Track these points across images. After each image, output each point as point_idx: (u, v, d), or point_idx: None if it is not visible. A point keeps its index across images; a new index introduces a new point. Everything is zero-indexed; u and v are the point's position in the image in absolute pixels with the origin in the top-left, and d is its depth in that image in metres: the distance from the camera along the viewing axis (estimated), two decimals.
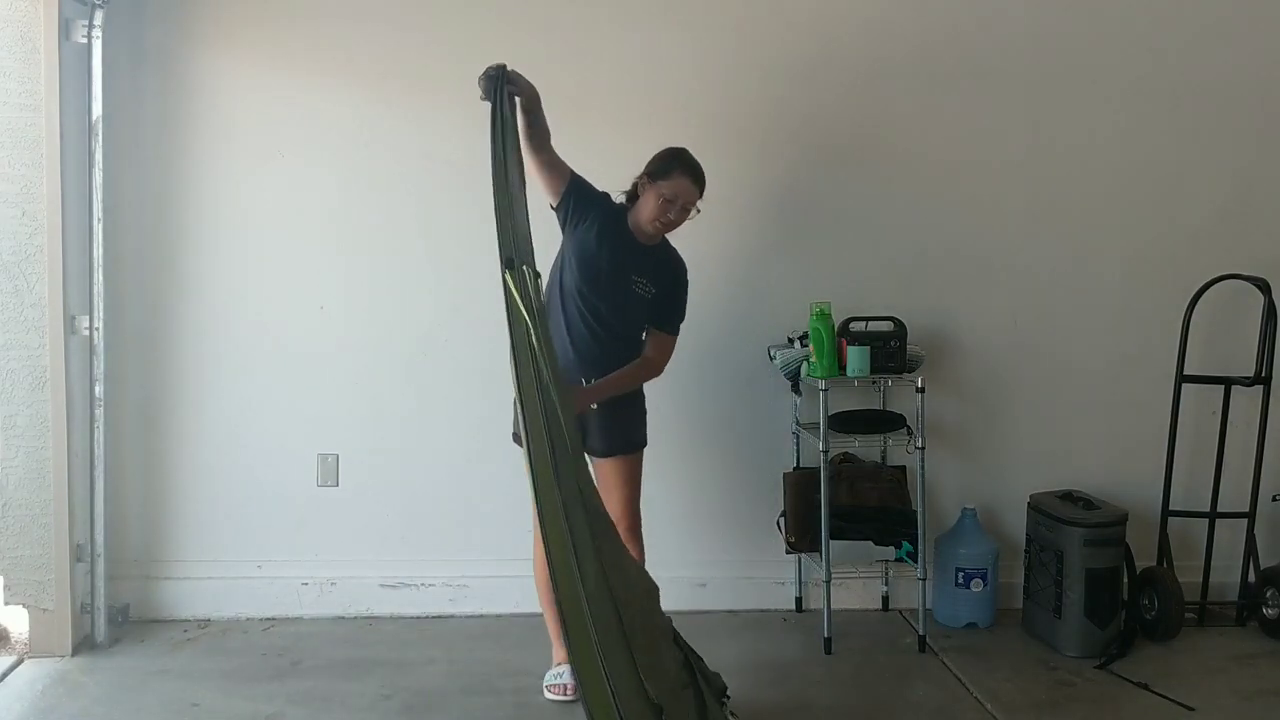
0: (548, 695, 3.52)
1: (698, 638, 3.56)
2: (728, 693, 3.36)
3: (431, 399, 4.20)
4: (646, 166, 3.49)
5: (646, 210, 3.43)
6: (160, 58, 4.02)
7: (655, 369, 3.56)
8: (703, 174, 3.46)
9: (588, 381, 3.44)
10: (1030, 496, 4.19)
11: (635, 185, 3.51)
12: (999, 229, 4.32)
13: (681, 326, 3.62)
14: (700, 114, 4.18)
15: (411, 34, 4.09)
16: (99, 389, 3.85)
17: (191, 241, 4.09)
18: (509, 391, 4.17)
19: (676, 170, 3.42)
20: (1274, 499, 4.33)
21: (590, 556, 2.78)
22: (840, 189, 4.26)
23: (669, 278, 3.54)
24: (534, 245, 3.20)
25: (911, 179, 4.27)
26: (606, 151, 4.16)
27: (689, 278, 3.61)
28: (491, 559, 4.24)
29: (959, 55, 4.25)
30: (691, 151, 3.50)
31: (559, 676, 3.52)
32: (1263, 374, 4.16)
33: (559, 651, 3.58)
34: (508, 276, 2.91)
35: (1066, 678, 3.77)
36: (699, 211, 3.48)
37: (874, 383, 4.05)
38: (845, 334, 3.98)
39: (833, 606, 3.96)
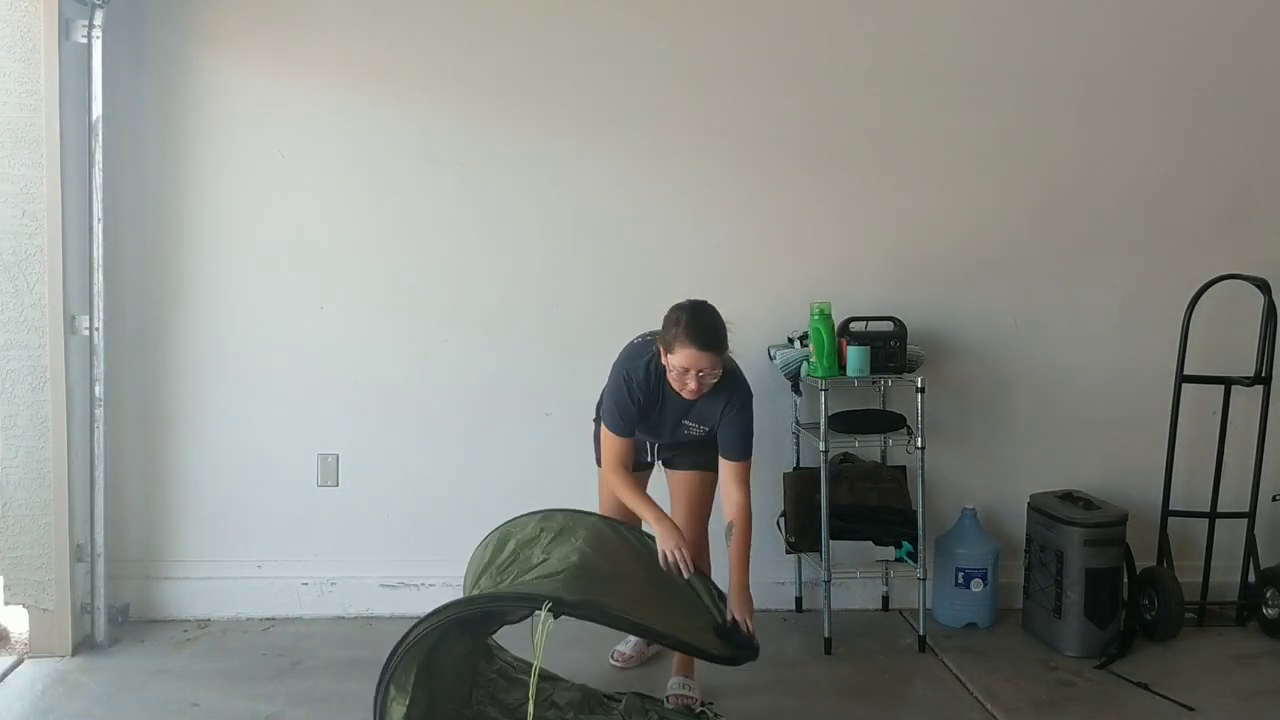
0: (612, 661, 3.77)
1: None
2: (704, 704, 3.39)
3: (431, 399, 4.20)
4: (661, 329, 3.24)
5: (673, 380, 3.20)
6: (160, 58, 4.02)
7: (748, 507, 3.29)
8: (713, 332, 3.14)
9: (653, 448, 3.46)
10: (1030, 496, 4.19)
11: (660, 346, 3.26)
12: (999, 229, 4.32)
13: (752, 447, 3.35)
14: (701, 114, 4.19)
15: (411, 34, 4.09)
16: (99, 389, 3.85)
17: (191, 241, 4.09)
18: (508, 391, 4.23)
19: (679, 343, 3.13)
20: (1274, 499, 4.33)
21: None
22: (841, 189, 4.26)
23: (721, 411, 3.28)
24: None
25: (912, 179, 4.27)
26: (608, 153, 4.20)
27: (752, 400, 3.36)
28: None
29: (960, 55, 4.25)
30: (704, 305, 3.24)
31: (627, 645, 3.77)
32: (1263, 374, 4.16)
33: None
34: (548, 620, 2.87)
35: (1066, 678, 3.77)
36: (713, 372, 3.18)
37: (874, 383, 4.05)
38: (845, 334, 3.98)
39: (833, 606, 3.97)
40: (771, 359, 4.18)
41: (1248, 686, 3.72)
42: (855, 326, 4.01)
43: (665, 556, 3.16)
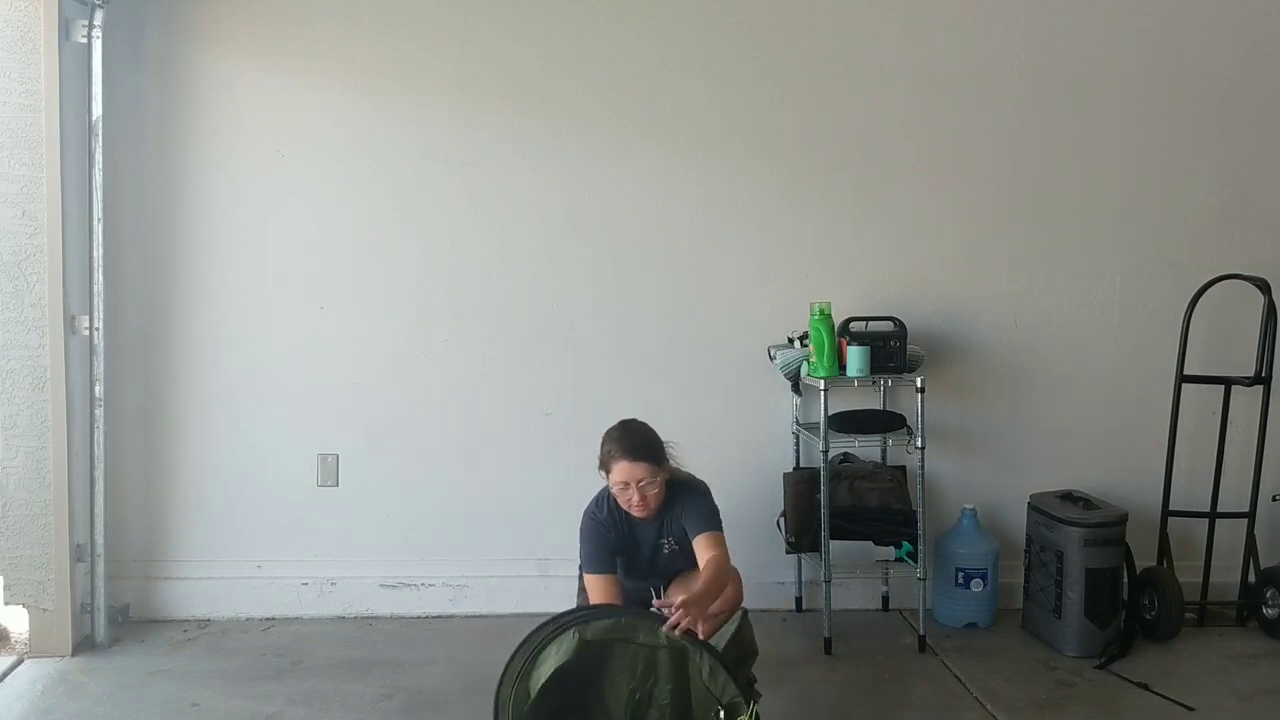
0: None
1: None
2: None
3: (431, 399, 4.20)
4: (599, 459, 3.34)
5: (621, 501, 3.31)
6: (160, 58, 4.02)
7: (724, 562, 3.23)
8: (641, 444, 3.26)
9: (657, 592, 3.41)
10: (1030, 496, 4.19)
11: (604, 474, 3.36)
12: (999, 229, 4.32)
13: (720, 523, 3.34)
14: (700, 115, 4.19)
15: (411, 34, 4.09)
16: (99, 389, 3.85)
17: (191, 241, 4.09)
18: (508, 391, 4.23)
19: (612, 460, 3.26)
20: (1274, 499, 4.33)
21: None
22: (840, 189, 4.26)
23: (681, 510, 3.34)
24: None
25: (911, 179, 4.27)
26: (605, 154, 4.20)
27: (709, 493, 3.40)
28: (491, 559, 4.25)
29: (958, 56, 4.25)
30: (633, 423, 3.34)
31: None
32: (1263, 374, 4.16)
33: None
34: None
35: (1066, 678, 3.77)
36: (651, 481, 3.25)
37: (874, 383, 4.04)
38: (845, 334, 3.98)
39: (833, 606, 3.97)
40: (771, 359, 4.19)
41: (1248, 686, 3.71)
42: (855, 326, 4.01)
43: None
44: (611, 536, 3.34)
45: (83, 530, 3.86)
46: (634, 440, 3.28)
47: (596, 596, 3.26)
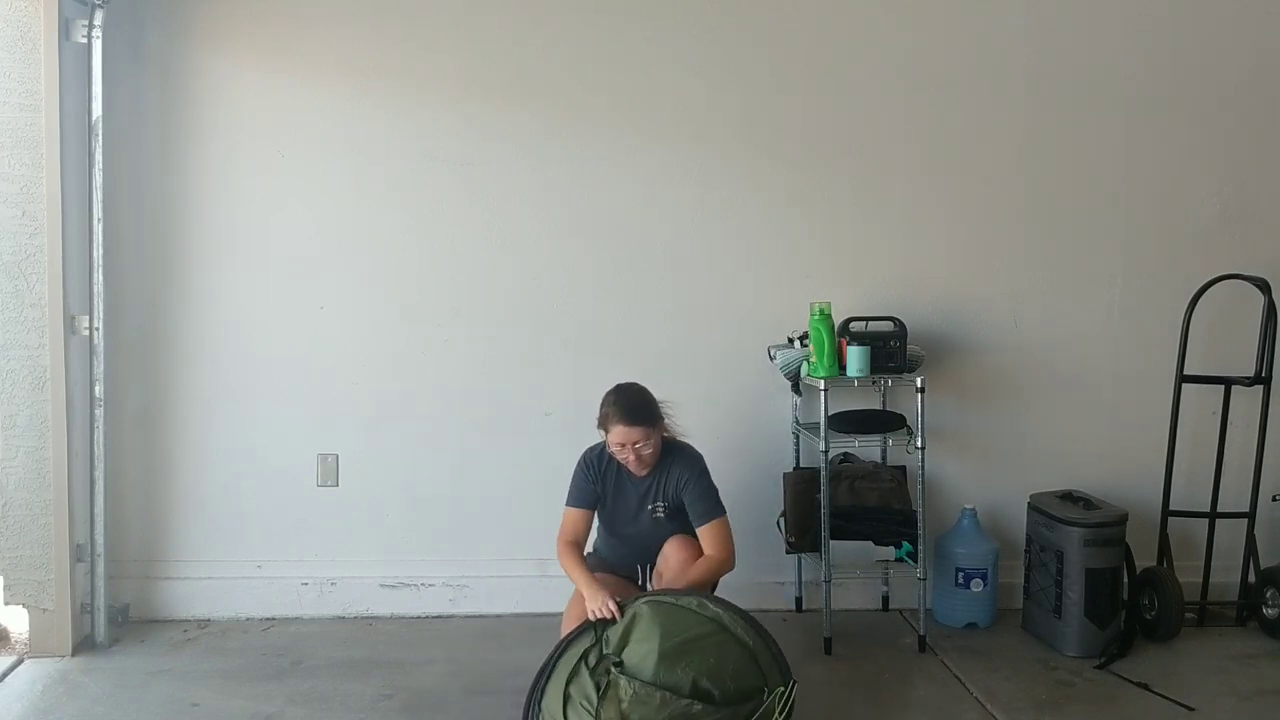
0: None
1: None
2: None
3: (431, 399, 4.20)
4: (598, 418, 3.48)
5: (618, 458, 3.46)
6: (160, 58, 4.03)
7: (721, 563, 3.42)
8: (638, 409, 3.41)
9: (643, 568, 3.54)
10: (1030, 496, 4.19)
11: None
12: (999, 229, 4.32)
13: (721, 505, 3.50)
14: (700, 114, 4.19)
15: (411, 34, 4.09)
16: (99, 389, 3.85)
17: (191, 242, 4.10)
18: (508, 391, 4.23)
19: (608, 422, 3.41)
20: (1274, 499, 4.33)
21: None
22: (840, 189, 4.26)
23: (679, 483, 3.50)
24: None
25: (911, 180, 4.27)
26: (605, 154, 4.20)
27: (704, 466, 3.54)
28: (491, 559, 4.25)
29: (958, 56, 4.25)
30: (631, 387, 3.48)
31: None
32: (1263, 374, 4.16)
33: None
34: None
35: (1066, 678, 3.77)
36: (646, 443, 3.40)
37: (874, 383, 4.04)
38: (845, 334, 3.98)
39: (833, 606, 3.96)
40: (771, 359, 4.19)
41: (1248, 686, 3.71)
42: (855, 326, 4.01)
43: (593, 613, 3.20)
44: (594, 481, 3.52)
45: (83, 530, 3.86)
46: (630, 404, 3.42)
47: (567, 527, 3.48)
